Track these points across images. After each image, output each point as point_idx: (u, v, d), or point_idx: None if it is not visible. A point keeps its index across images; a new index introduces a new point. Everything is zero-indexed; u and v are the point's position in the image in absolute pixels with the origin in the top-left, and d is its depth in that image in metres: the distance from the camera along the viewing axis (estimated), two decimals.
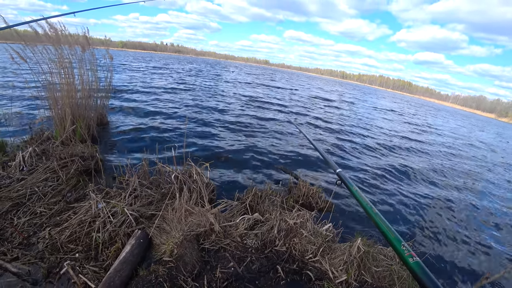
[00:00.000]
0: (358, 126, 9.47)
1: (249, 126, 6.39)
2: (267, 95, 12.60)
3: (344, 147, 6.07)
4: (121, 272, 1.74)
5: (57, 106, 3.85)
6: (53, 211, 2.35)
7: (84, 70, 4.19)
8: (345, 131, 8.03)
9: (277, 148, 5.13)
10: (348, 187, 1.39)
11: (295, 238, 2.37)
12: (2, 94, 7.00)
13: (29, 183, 2.63)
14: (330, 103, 14.98)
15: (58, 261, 1.89)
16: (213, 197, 2.80)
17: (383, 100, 31.98)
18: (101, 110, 4.78)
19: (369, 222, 3.22)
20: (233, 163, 4.16)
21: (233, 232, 2.28)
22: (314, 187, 3.21)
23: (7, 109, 5.57)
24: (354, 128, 8.78)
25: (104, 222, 2.11)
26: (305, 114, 9.68)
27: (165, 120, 6.06)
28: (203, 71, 25.56)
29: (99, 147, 3.56)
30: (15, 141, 3.64)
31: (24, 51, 3.52)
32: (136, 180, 2.58)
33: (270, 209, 2.64)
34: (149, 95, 8.95)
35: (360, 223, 3.15)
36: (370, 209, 1.16)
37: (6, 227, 2.15)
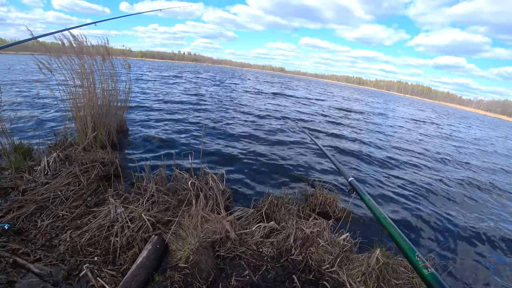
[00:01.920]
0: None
1: (266, 135, 6.36)
2: (287, 107, 12.11)
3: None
4: (138, 277, 1.75)
5: (80, 113, 4.00)
6: (74, 215, 2.41)
7: (105, 79, 4.35)
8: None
9: (294, 156, 5.08)
10: (360, 195, 1.36)
11: (311, 247, 2.32)
12: (29, 102, 7.38)
13: (53, 187, 2.73)
14: (363, 116, 13.57)
15: (78, 264, 1.94)
16: (228, 204, 2.80)
17: (409, 107, 30.49)
18: (121, 118, 4.92)
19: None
20: (249, 170, 4.15)
21: (248, 240, 2.26)
22: (331, 196, 3.16)
23: (34, 117, 5.87)
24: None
25: (122, 227, 2.15)
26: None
27: (182, 128, 6.15)
28: (219, 79, 25.80)
29: (118, 153, 3.66)
30: (40, 147, 3.81)
31: (50, 62, 3.71)
32: (154, 186, 2.62)
33: (286, 217, 2.61)
34: (167, 103, 9.14)
35: (378, 233, 3.05)
36: (383, 218, 1.12)
37: (30, 229, 2.23)
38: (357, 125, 10.03)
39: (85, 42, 4.07)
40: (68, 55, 3.94)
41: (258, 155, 4.88)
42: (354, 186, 1.46)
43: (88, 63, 4.06)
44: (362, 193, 1.36)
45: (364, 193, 1.35)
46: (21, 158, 3.30)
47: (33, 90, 9.23)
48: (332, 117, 10.96)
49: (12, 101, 7.28)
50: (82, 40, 4.03)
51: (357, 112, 14.52)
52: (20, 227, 2.24)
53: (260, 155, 4.89)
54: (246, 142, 5.54)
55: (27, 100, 7.63)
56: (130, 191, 2.78)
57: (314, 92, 26.37)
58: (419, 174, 5.37)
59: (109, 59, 4.23)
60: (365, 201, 1.30)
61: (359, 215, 3.30)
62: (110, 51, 4.26)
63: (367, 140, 7.71)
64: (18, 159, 3.27)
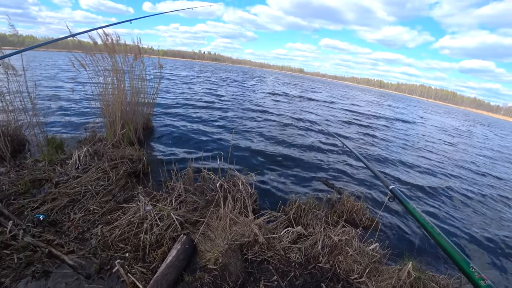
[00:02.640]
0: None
1: (291, 139, 6.27)
2: (310, 111, 11.66)
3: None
4: (168, 276, 1.75)
5: (109, 110, 4.10)
6: (105, 210, 2.46)
7: (134, 78, 4.44)
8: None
9: (320, 161, 5.00)
10: (404, 204, 1.29)
11: (339, 255, 2.26)
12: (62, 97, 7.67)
13: (84, 181, 2.80)
14: (389, 123, 12.63)
15: (109, 259, 1.97)
16: (255, 207, 2.77)
17: (437, 115, 28.38)
18: (147, 115, 5.01)
19: (421, 244, 3.00)
20: (275, 174, 4.12)
21: (276, 245, 2.23)
22: (359, 203, 3.07)
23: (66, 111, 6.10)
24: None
25: (152, 225, 2.16)
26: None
27: (206, 128, 6.20)
28: (240, 80, 25.82)
29: (145, 150, 3.71)
30: (71, 141, 3.94)
31: (85, 59, 3.83)
32: (182, 185, 2.63)
33: (313, 223, 2.55)
34: (189, 102, 9.23)
35: (409, 245, 2.94)
36: (431, 228, 1.06)
37: (63, 221, 2.29)
38: (385, 133, 9.57)
39: (118, 40, 4.17)
40: (101, 52, 4.05)
41: (285, 159, 4.84)
42: (396, 194, 1.39)
43: (120, 61, 4.16)
44: (405, 202, 1.29)
45: (407, 201, 1.28)
46: (53, 151, 3.41)
47: (66, 86, 9.62)
48: (357, 123, 10.54)
49: (46, 96, 7.60)
50: (116, 38, 4.13)
51: (383, 118, 13.99)
52: (54, 218, 2.30)
53: (286, 159, 4.85)
54: (272, 146, 5.49)
55: (60, 95, 7.96)
56: (157, 188, 2.81)
57: (335, 95, 25.51)
58: (461, 184, 5.15)
59: (141, 58, 4.32)
60: (409, 210, 1.23)
61: (387, 225, 3.20)
62: (142, 50, 4.34)
63: (395, 150, 7.14)
64: (51, 152, 3.38)
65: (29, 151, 3.59)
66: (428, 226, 1.07)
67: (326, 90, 30.93)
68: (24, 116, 3.73)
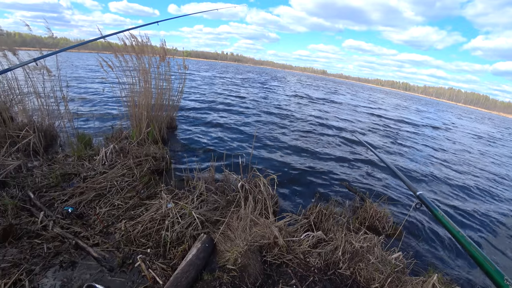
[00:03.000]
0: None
1: (314, 142, 6.19)
2: (334, 114, 11.15)
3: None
4: (188, 274, 1.77)
5: (135, 109, 4.23)
6: (128, 205, 2.53)
7: (160, 78, 4.56)
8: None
9: (343, 166, 4.89)
10: (432, 211, 1.23)
11: (360, 263, 2.19)
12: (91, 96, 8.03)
13: (110, 176, 2.90)
14: (418, 129, 11.52)
15: (131, 253, 2.02)
16: (276, 209, 2.75)
17: (470, 120, 26.29)
18: (171, 115, 5.13)
19: (448, 255, 2.85)
20: (297, 176, 4.08)
21: (296, 248, 2.19)
22: (382, 210, 2.97)
23: (94, 109, 6.38)
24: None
25: (173, 222, 2.20)
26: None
27: (232, 130, 6.26)
28: (263, 81, 25.78)
29: (168, 149, 3.80)
30: (99, 138, 4.11)
31: (113, 60, 3.99)
32: (203, 184, 2.66)
33: (334, 228, 2.50)
34: (212, 103, 9.33)
35: (434, 256, 2.80)
36: (462, 237, 1.00)
37: (90, 215, 2.38)
38: (413, 140, 8.85)
39: (146, 42, 4.30)
40: (130, 53, 4.20)
41: (307, 162, 4.78)
42: (424, 201, 1.33)
43: (147, 62, 4.29)
44: (434, 209, 1.23)
45: (436, 208, 1.22)
46: (82, 147, 3.56)
47: (95, 85, 10.07)
48: (383, 128, 10.08)
49: (77, 94, 7.99)
50: (145, 40, 4.26)
51: (411, 123, 13.07)
52: (81, 211, 2.40)
53: (309, 162, 4.78)
54: (295, 149, 5.43)
55: (90, 94, 8.34)
56: (179, 186, 2.86)
57: (360, 98, 24.64)
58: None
59: (167, 59, 4.43)
60: (438, 218, 1.17)
61: (412, 234, 3.07)
62: (167, 51, 4.45)
63: (424, 161, 6.45)
64: (80, 148, 3.53)
65: (60, 146, 3.78)
66: (458, 234, 1.02)
67: (350, 93, 30.03)
68: (56, 113, 3.93)
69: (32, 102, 3.90)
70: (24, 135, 3.39)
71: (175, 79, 5.02)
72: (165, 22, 4.00)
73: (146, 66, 4.25)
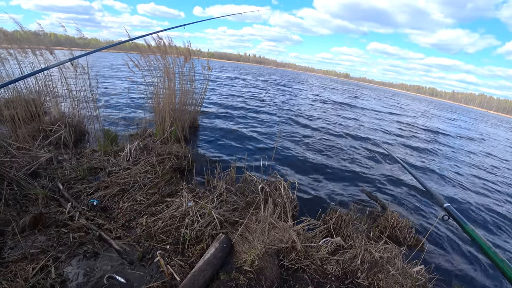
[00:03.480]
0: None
1: (337, 148, 6.05)
2: (359, 120, 10.52)
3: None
4: (205, 272, 1.78)
5: (160, 108, 4.36)
6: (150, 202, 2.60)
7: (184, 78, 4.67)
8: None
9: (365, 173, 4.77)
10: (461, 225, 1.14)
11: (380, 273, 2.12)
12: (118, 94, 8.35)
13: (133, 172, 2.99)
14: (453, 142, 10.31)
15: (151, 248, 2.06)
16: (295, 213, 2.73)
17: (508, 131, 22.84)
18: (194, 115, 5.23)
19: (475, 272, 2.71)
20: (318, 182, 4.03)
21: (313, 254, 2.16)
22: (404, 220, 2.86)
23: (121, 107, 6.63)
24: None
25: (192, 221, 2.23)
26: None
27: (254, 132, 6.27)
28: (285, 83, 25.53)
29: (191, 148, 3.87)
30: (124, 135, 4.26)
31: (139, 60, 4.14)
32: (224, 185, 2.69)
33: (353, 235, 2.43)
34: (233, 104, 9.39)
35: (459, 272, 2.66)
36: (494, 254, 0.93)
37: (113, 208, 2.46)
38: (443, 153, 7.88)
39: (170, 43, 4.42)
40: (155, 54, 4.33)
41: (328, 167, 4.70)
42: (453, 213, 1.24)
43: (171, 63, 4.40)
44: (463, 222, 1.14)
45: (465, 222, 1.14)
46: (108, 143, 3.70)
47: (122, 84, 10.47)
48: (410, 137, 9.17)
49: (105, 93, 8.33)
50: (169, 41, 4.38)
51: (442, 133, 11.72)
52: (105, 205, 2.49)
53: (330, 168, 4.70)
54: (316, 154, 5.35)
55: (117, 93, 8.68)
56: (200, 186, 2.90)
57: (386, 104, 23.24)
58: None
59: (191, 59, 4.53)
60: (467, 232, 1.10)
61: (435, 246, 2.93)
62: (192, 52, 4.55)
63: (459, 179, 5.58)
64: (107, 143, 3.68)
65: (88, 142, 3.95)
66: (490, 251, 0.95)
67: (375, 98, 28.93)
68: (86, 110, 4.12)
69: (64, 99, 4.11)
70: (56, 129, 3.57)
71: (199, 80, 5.12)
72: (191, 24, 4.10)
73: (171, 66, 4.36)
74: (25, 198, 2.39)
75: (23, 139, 3.29)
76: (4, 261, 1.75)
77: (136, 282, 1.77)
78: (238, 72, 33.99)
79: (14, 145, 3.05)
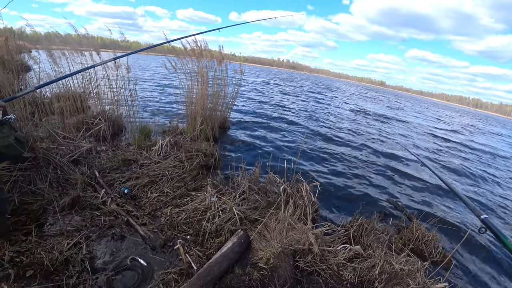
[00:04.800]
0: None
1: (366, 155, 5.91)
2: (396, 135, 9.37)
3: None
4: (220, 264, 1.85)
5: (192, 108, 4.56)
6: (176, 194, 2.73)
7: (216, 80, 4.85)
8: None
9: (393, 181, 4.61)
10: (500, 238, 1.05)
11: (398, 286, 2.04)
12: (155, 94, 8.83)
13: (163, 166, 3.15)
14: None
15: (173, 237, 2.18)
16: (316, 217, 2.71)
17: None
18: (225, 116, 5.40)
19: None
20: (342, 188, 3.98)
21: (330, 259, 2.14)
22: (431, 233, 2.72)
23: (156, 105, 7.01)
24: None
25: (214, 215, 2.31)
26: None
27: (279, 135, 6.35)
28: (318, 91, 24.76)
29: (218, 147, 4.00)
30: (157, 131, 4.52)
31: (176, 62, 4.38)
32: (247, 184, 2.76)
33: (374, 245, 2.36)
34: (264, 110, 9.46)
35: None
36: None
37: (141, 197, 2.63)
38: (494, 176, 6.45)
39: (205, 47, 4.62)
40: (191, 57, 4.55)
41: (354, 175, 4.60)
42: (491, 226, 1.12)
43: (205, 66, 4.60)
44: (502, 236, 1.06)
45: (505, 236, 1.06)
46: (142, 138, 3.95)
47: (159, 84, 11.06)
48: (457, 157, 7.81)
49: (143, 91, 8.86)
50: (204, 45, 4.58)
51: (498, 155, 9.55)
52: (135, 193, 2.67)
53: (355, 175, 4.61)
54: (343, 160, 5.27)
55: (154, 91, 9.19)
56: (224, 183, 2.99)
57: (427, 116, 20.50)
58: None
59: (224, 63, 4.70)
60: (507, 246, 1.02)
61: (463, 264, 2.75)
62: (225, 56, 4.72)
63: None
64: (141, 138, 3.92)
65: (124, 136, 4.23)
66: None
67: (414, 109, 26.67)
68: (124, 107, 4.43)
69: (106, 96, 4.46)
70: (97, 123, 3.87)
71: (231, 83, 5.28)
72: (225, 28, 4.26)
73: (204, 68, 4.55)
74: (67, 182, 2.63)
75: (68, 129, 3.62)
76: (44, 234, 1.95)
77: (156, 266, 1.89)
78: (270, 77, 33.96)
79: (61, 135, 3.36)
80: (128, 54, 3.35)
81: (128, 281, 1.74)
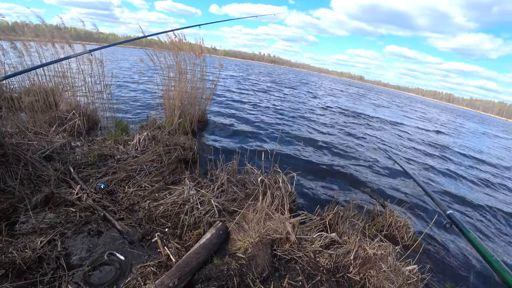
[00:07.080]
0: None
1: (341, 147, 6.04)
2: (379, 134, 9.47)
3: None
4: (199, 256, 1.87)
5: (170, 102, 4.50)
6: (154, 188, 2.71)
7: (195, 73, 4.79)
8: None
9: (368, 172, 4.78)
10: (464, 233, 1.15)
11: (371, 269, 2.15)
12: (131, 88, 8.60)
13: (140, 161, 3.12)
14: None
15: (151, 231, 2.17)
16: (293, 207, 2.78)
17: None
18: (203, 109, 5.36)
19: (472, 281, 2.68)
20: (319, 179, 4.07)
21: (307, 247, 2.21)
22: (402, 220, 2.87)
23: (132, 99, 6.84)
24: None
25: (192, 208, 2.33)
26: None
27: (259, 126, 6.42)
28: (294, 86, 25.00)
29: (197, 141, 3.98)
30: (134, 125, 4.43)
31: (154, 56, 4.29)
32: (225, 176, 2.78)
33: (349, 232, 2.47)
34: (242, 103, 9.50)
35: (455, 276, 2.64)
36: (496, 262, 0.94)
37: (119, 192, 2.59)
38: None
39: (182, 40, 4.55)
40: (168, 50, 4.47)
41: (329, 165, 4.74)
42: (455, 221, 1.25)
43: (184, 59, 4.53)
44: (465, 230, 1.17)
45: (468, 230, 1.17)
46: (119, 133, 3.86)
47: (135, 77, 10.78)
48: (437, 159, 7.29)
49: (118, 85, 8.61)
50: (181, 38, 4.51)
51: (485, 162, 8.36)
52: (111, 189, 2.62)
53: (331, 165, 4.73)
54: (319, 153, 5.37)
55: (129, 85, 8.95)
56: (203, 176, 3.00)
57: (405, 111, 20.33)
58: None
59: (203, 56, 4.65)
60: (470, 240, 1.11)
61: (433, 248, 2.92)
62: (205, 49, 4.67)
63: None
64: (117, 133, 3.84)
65: (100, 130, 4.13)
66: (492, 259, 0.96)
67: (392, 103, 27.12)
68: (99, 100, 4.31)
69: (80, 90, 4.31)
70: (70, 117, 3.75)
71: (209, 76, 5.24)
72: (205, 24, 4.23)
73: (183, 62, 4.49)
74: (39, 178, 2.54)
75: (40, 125, 3.48)
76: (16, 233, 1.89)
77: (134, 260, 1.88)
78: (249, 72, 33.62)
79: (31, 130, 3.23)
80: (104, 47, 3.26)
81: (106, 276, 1.73)
